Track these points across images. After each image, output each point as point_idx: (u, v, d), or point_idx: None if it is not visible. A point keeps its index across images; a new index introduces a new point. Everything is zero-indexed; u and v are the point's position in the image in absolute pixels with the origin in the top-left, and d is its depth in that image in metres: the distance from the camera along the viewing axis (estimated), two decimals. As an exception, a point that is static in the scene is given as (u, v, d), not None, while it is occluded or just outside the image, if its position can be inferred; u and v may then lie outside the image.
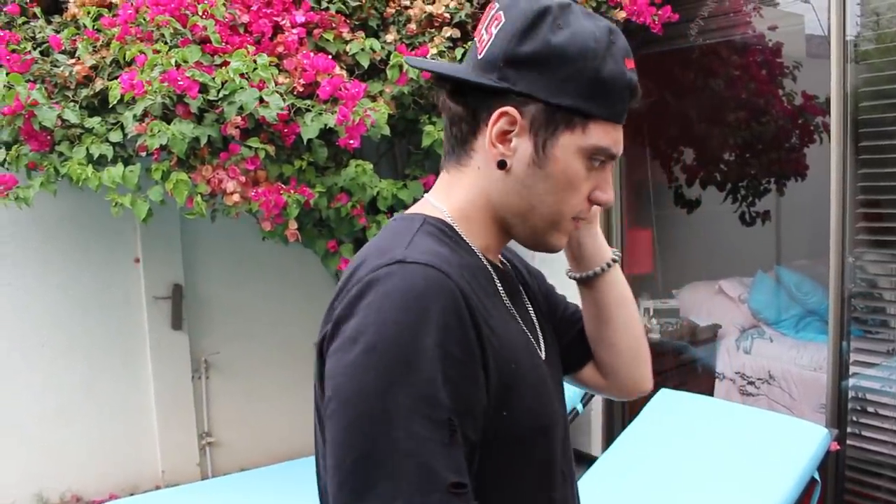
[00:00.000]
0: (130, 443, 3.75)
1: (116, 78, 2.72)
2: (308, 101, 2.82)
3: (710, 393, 3.98)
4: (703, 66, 4.20)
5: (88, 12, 2.89)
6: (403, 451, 0.79)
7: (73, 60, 2.85)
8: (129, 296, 3.71)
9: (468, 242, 0.98)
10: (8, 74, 2.64)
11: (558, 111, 0.92)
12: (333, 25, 3.13)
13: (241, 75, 2.68)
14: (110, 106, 2.75)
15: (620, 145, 0.96)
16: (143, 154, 2.72)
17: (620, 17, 3.16)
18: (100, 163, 2.74)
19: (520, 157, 0.94)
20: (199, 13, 2.81)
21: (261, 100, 2.68)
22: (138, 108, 2.66)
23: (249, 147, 2.77)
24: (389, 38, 3.19)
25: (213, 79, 2.67)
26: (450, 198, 0.99)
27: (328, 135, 2.86)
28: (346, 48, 3.10)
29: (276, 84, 2.78)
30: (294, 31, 2.98)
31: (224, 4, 2.88)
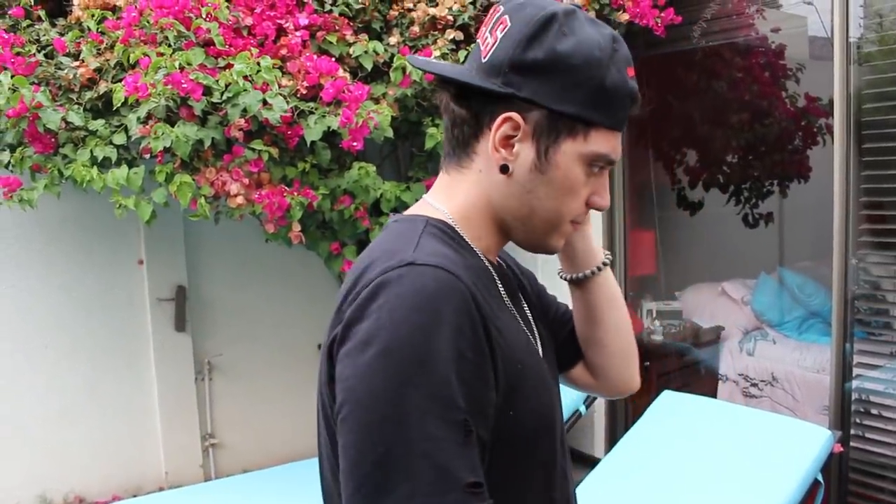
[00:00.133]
0: (134, 444, 3.76)
1: (120, 80, 2.73)
2: (311, 104, 2.83)
3: (713, 395, 3.98)
4: (706, 69, 4.20)
5: (92, 15, 2.90)
6: (420, 452, 0.79)
7: (77, 63, 2.86)
8: (133, 297, 3.71)
9: (470, 244, 0.99)
10: (12, 77, 2.64)
11: (561, 118, 0.93)
12: (337, 28, 3.14)
13: (245, 78, 2.69)
14: (114, 108, 2.75)
15: (618, 151, 0.98)
16: (147, 156, 2.73)
17: (623, 19, 3.16)
18: (104, 165, 2.74)
19: (522, 162, 0.95)
20: (203, 16, 2.82)
21: (264, 102, 2.69)
22: (142, 111, 2.67)
23: (253, 149, 2.77)
24: (393, 41, 3.20)
25: (217, 81, 2.68)
26: (450, 199, 1.00)
27: (331, 137, 2.86)
28: (350, 50, 3.10)
29: (280, 86, 2.79)
30: (297, 33, 2.99)
31: (227, 7, 2.89)
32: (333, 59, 3.01)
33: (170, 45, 2.79)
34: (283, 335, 4.10)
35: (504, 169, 0.95)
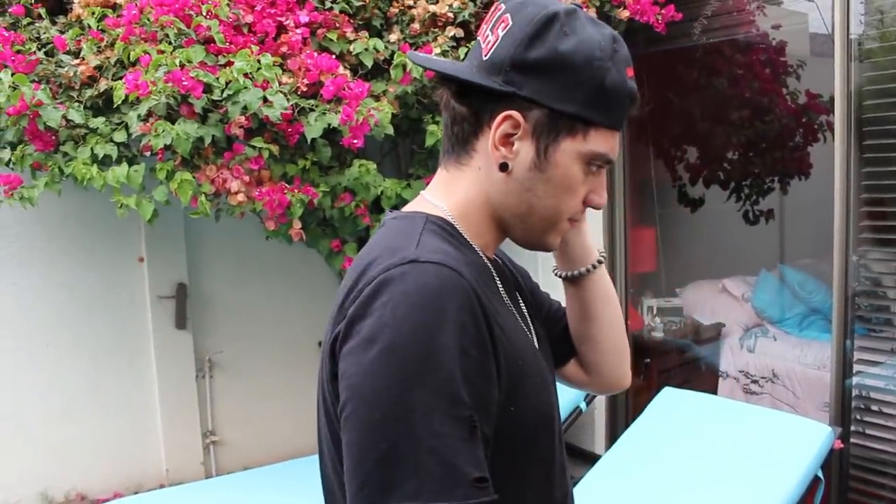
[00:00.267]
0: (135, 442, 3.76)
1: (121, 78, 2.73)
2: (312, 101, 2.83)
3: (714, 391, 3.98)
4: (707, 65, 4.20)
5: (93, 13, 2.90)
6: (426, 448, 0.79)
7: (77, 61, 2.86)
8: (134, 295, 3.72)
9: (469, 241, 0.99)
10: (13, 75, 2.64)
11: (561, 117, 0.93)
12: (337, 25, 3.14)
13: (245, 75, 2.69)
14: (115, 106, 2.75)
15: (616, 150, 0.99)
16: (148, 154, 2.73)
17: (624, 16, 3.16)
18: (104, 163, 2.75)
19: (521, 161, 0.95)
20: (203, 13, 2.82)
21: (265, 99, 2.69)
22: (143, 108, 2.67)
23: (253, 147, 2.77)
24: (393, 38, 3.19)
25: (218, 79, 2.68)
26: (449, 196, 1.00)
27: (332, 134, 2.86)
28: (350, 48, 3.10)
29: (280, 84, 2.79)
30: (298, 30, 2.99)
31: (228, 4, 2.89)
32: (334, 56, 3.00)
33: (170, 43, 2.79)
34: (284, 332, 4.11)
35: (503, 167, 0.96)
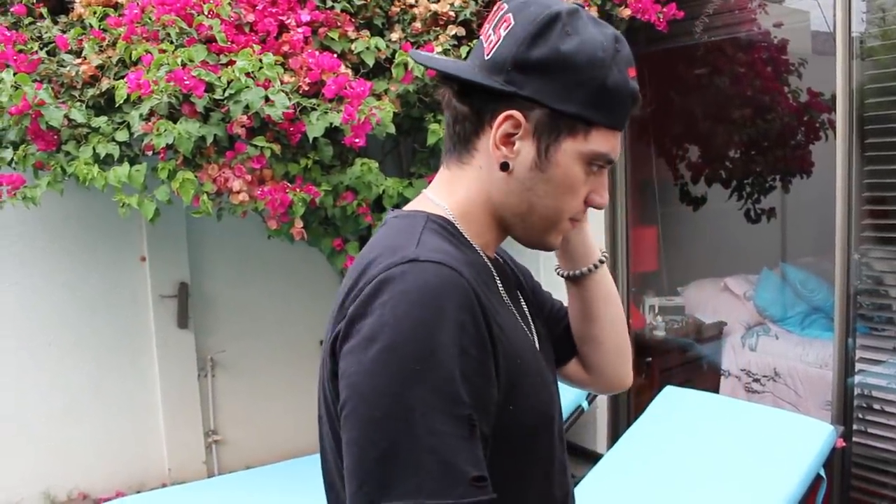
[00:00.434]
0: (137, 441, 3.77)
1: (123, 77, 2.73)
2: (313, 100, 2.83)
3: (716, 390, 3.98)
4: (708, 64, 4.20)
5: (94, 12, 2.90)
6: (425, 447, 0.79)
7: (79, 60, 2.86)
8: (136, 294, 3.72)
9: (469, 240, 0.99)
10: (15, 74, 2.65)
11: (562, 117, 0.93)
12: (338, 24, 3.14)
13: (247, 74, 2.69)
14: (116, 105, 2.75)
15: (617, 150, 0.99)
16: (150, 153, 2.73)
17: (625, 14, 3.16)
18: (106, 162, 2.75)
19: (522, 160, 0.95)
20: (205, 12, 2.82)
21: (266, 99, 2.69)
22: (144, 108, 2.67)
23: (255, 146, 2.77)
24: (394, 37, 3.19)
25: (219, 78, 2.68)
26: (451, 195, 1.00)
27: (334, 133, 2.86)
28: (352, 47, 3.10)
29: (282, 83, 2.79)
30: (299, 30, 2.99)
31: (229, 4, 2.89)
32: (335, 55, 3.00)
33: (172, 42, 2.79)
34: (286, 332, 4.11)
35: (504, 166, 0.96)
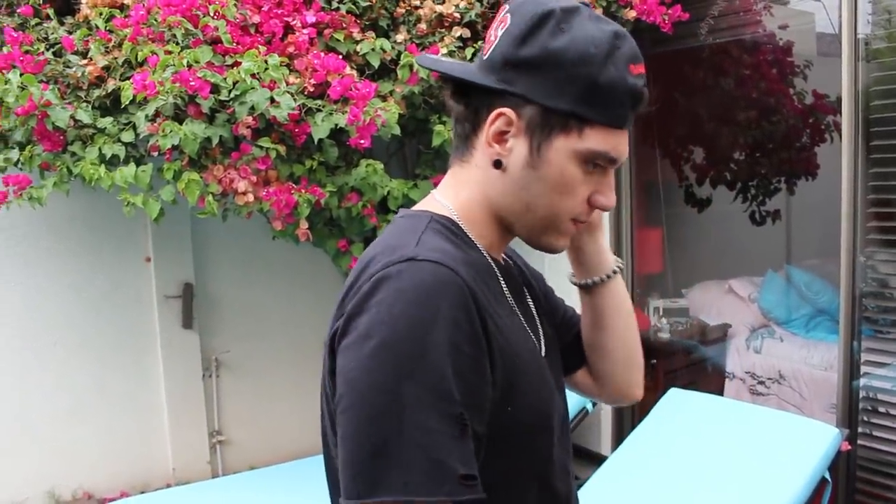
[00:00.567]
0: (141, 441, 3.77)
1: (128, 78, 2.74)
2: (319, 101, 2.83)
3: (720, 392, 3.98)
4: (714, 65, 4.19)
5: (100, 13, 2.91)
6: (415, 444, 0.80)
7: (85, 61, 2.87)
8: (141, 295, 3.73)
9: (473, 240, 1.00)
10: (21, 75, 2.65)
11: (554, 114, 0.93)
12: (344, 25, 3.14)
13: (253, 75, 2.69)
14: (122, 106, 2.76)
15: (621, 150, 0.96)
16: (155, 154, 2.73)
17: (630, 16, 3.16)
18: (112, 163, 2.75)
19: (515, 158, 0.95)
20: (211, 14, 2.82)
21: (272, 100, 2.69)
22: (150, 109, 2.67)
23: (260, 147, 2.78)
24: (400, 38, 3.20)
25: (225, 79, 2.68)
26: (456, 196, 1.01)
27: (339, 134, 2.87)
28: (357, 48, 3.11)
29: (287, 84, 2.79)
30: (305, 31, 2.99)
31: (235, 5, 2.89)
32: (341, 56, 3.01)
33: (178, 43, 2.80)
34: (291, 332, 4.11)
35: (497, 164, 0.96)
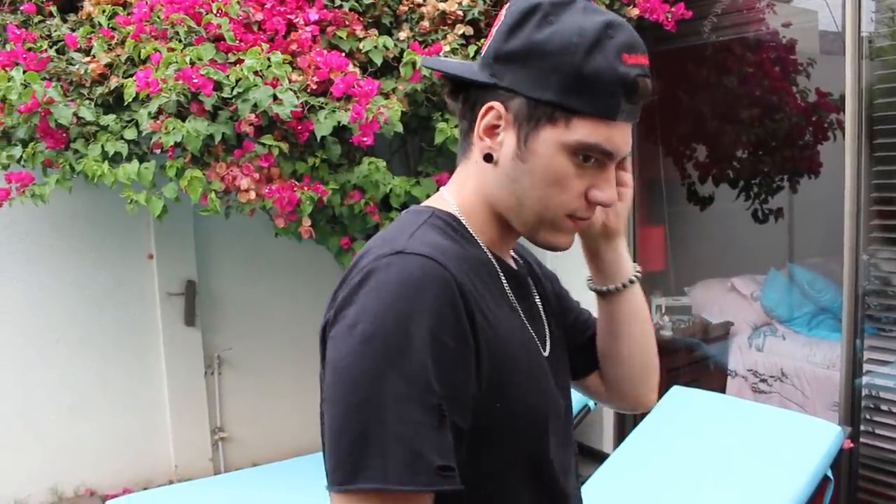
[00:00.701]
0: (144, 438, 3.78)
1: (131, 76, 2.74)
2: (321, 99, 2.83)
3: (723, 390, 3.98)
4: (717, 63, 4.19)
5: (104, 11, 2.91)
6: (394, 434, 0.81)
7: (88, 58, 2.87)
8: (143, 292, 3.73)
9: (474, 236, 1.00)
10: (25, 72, 2.66)
11: (540, 106, 0.92)
12: (347, 23, 3.14)
13: (255, 73, 2.69)
14: (125, 103, 2.76)
15: (616, 142, 0.93)
16: (158, 151, 2.74)
17: (633, 14, 3.16)
18: (115, 160, 2.76)
19: (505, 151, 0.95)
20: (214, 11, 2.82)
21: (274, 97, 2.69)
22: (153, 106, 2.67)
23: (263, 144, 2.78)
24: (402, 36, 3.19)
25: (228, 76, 2.68)
26: (459, 192, 1.02)
27: (341, 132, 2.87)
28: (360, 46, 3.11)
29: (290, 82, 2.79)
30: (307, 28, 2.99)
31: (238, 2, 2.89)
32: (343, 54, 3.01)
33: (180, 41, 2.80)
34: (293, 330, 4.12)
35: (488, 157, 0.96)
